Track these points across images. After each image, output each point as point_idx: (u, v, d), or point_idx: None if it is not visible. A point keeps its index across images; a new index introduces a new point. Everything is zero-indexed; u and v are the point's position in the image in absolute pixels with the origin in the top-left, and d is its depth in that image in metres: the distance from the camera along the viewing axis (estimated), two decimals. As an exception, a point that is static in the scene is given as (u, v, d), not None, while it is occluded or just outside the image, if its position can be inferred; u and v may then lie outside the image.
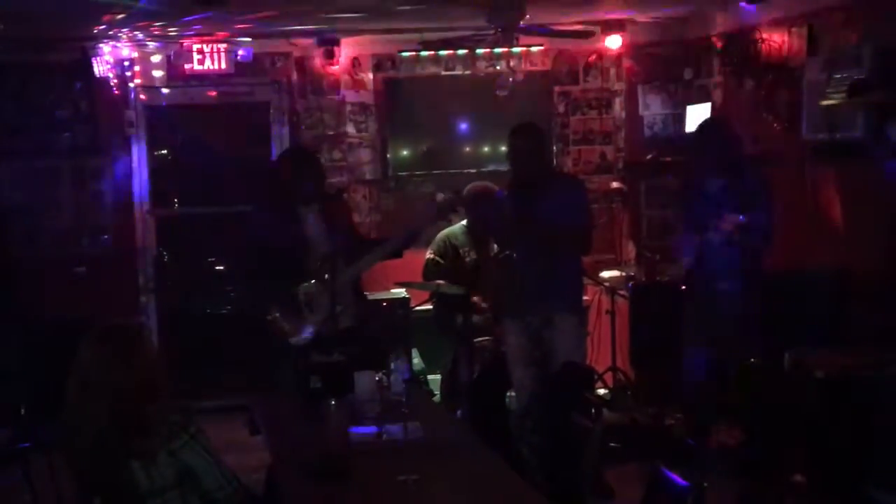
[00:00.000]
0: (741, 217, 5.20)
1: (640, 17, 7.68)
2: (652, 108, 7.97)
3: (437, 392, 6.84)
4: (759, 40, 6.69)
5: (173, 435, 2.97)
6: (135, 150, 7.70)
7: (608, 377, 7.24)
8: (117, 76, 7.49)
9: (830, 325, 5.47)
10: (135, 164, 7.71)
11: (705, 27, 7.50)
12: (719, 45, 7.23)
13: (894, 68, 5.34)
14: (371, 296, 6.48)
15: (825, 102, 5.76)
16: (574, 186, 5.66)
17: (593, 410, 4.77)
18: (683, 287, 5.91)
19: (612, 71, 8.08)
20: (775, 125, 6.56)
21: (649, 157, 7.85)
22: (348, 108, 7.88)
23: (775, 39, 6.56)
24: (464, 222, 6.70)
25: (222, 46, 7.49)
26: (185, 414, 3.04)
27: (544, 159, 5.62)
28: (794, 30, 6.37)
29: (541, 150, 5.57)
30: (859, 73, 5.55)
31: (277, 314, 5.18)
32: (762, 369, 5.51)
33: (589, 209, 5.62)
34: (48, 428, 3.10)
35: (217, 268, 8.32)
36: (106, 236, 7.65)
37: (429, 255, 6.73)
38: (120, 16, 6.24)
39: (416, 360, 7.09)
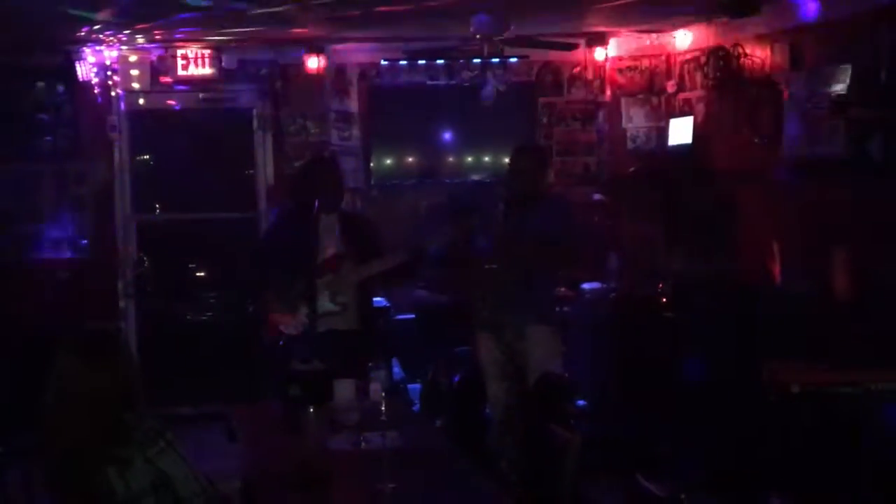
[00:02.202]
0: None
1: (624, 31, 7.72)
2: (635, 120, 8.00)
3: (416, 401, 6.83)
4: (742, 55, 6.73)
5: (150, 442, 2.96)
6: (117, 154, 7.68)
7: (588, 389, 7.24)
8: (100, 80, 7.46)
9: (808, 340, 5.49)
10: (116, 169, 7.68)
11: (688, 41, 7.54)
12: (702, 59, 7.27)
13: (875, 85, 5.38)
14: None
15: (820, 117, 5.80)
16: (563, 207, 5.69)
17: (572, 422, 4.77)
18: (664, 300, 5.95)
19: (596, 83, 8.11)
20: (756, 140, 6.59)
21: (632, 169, 7.88)
22: (332, 116, 7.87)
23: (758, 55, 6.60)
24: None
25: (207, 52, 7.48)
26: (162, 421, 3.03)
27: (537, 180, 5.64)
28: (776, 46, 6.41)
29: (542, 171, 5.62)
30: (841, 90, 5.59)
31: (275, 303, 5.21)
32: (739, 383, 5.54)
33: (575, 229, 5.63)
34: (24, 435, 3.08)
35: (198, 274, 8.30)
36: (86, 241, 7.61)
37: None
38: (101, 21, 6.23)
39: (396, 369, 7.08)
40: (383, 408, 4.09)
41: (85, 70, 7.36)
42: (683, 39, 7.63)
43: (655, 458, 6.10)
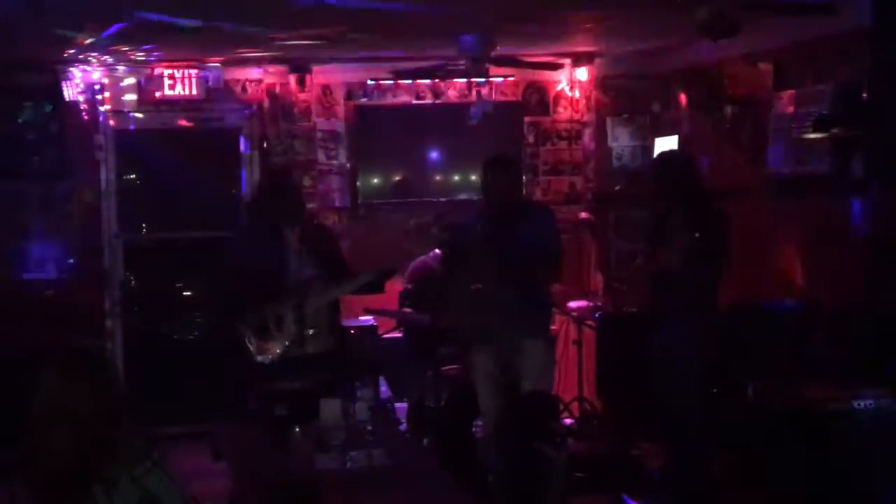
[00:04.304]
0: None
1: (609, 50, 7.77)
2: (620, 139, 8.03)
3: (403, 420, 6.83)
4: (726, 75, 6.78)
5: (136, 461, 2.95)
6: (104, 174, 7.68)
7: (574, 407, 7.26)
8: (87, 100, 7.47)
9: (793, 357, 5.52)
10: (103, 189, 7.68)
11: (673, 61, 7.59)
12: (687, 79, 7.32)
13: (858, 104, 5.42)
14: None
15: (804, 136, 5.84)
16: (543, 214, 5.69)
17: (558, 440, 4.78)
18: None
19: (582, 102, 8.16)
20: (740, 159, 6.64)
21: (618, 188, 7.91)
22: (319, 135, 7.90)
23: (741, 74, 6.65)
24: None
25: (193, 72, 7.50)
26: (148, 440, 3.03)
27: (517, 190, 5.66)
28: (759, 65, 6.46)
29: (515, 181, 5.62)
30: (824, 109, 5.64)
31: (247, 332, 5.21)
32: (724, 400, 5.55)
33: (559, 236, 5.65)
34: (8, 453, 3.07)
35: (185, 293, 8.28)
36: (72, 260, 7.60)
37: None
38: (89, 40, 6.24)
39: (383, 388, 7.07)
40: (370, 427, 4.11)
41: (72, 90, 7.37)
42: (668, 59, 7.67)
43: (642, 475, 6.12)
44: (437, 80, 7.75)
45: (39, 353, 3.15)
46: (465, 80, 7.52)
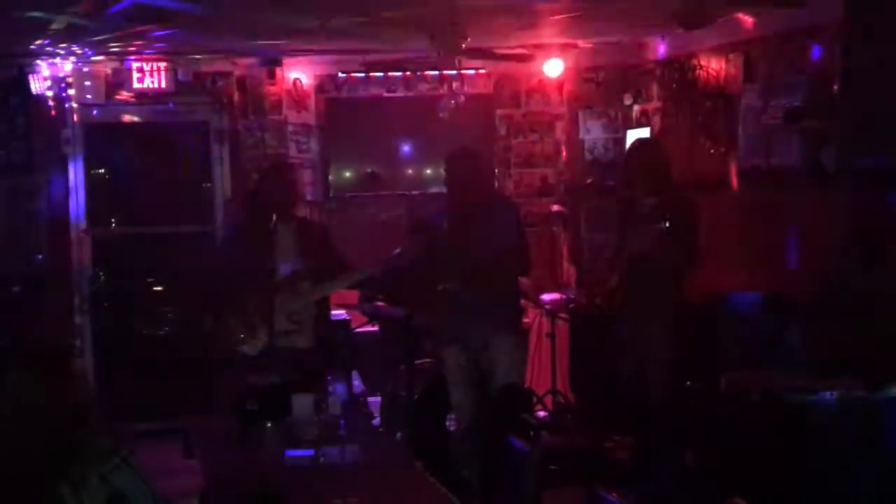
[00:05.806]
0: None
1: (581, 43, 7.77)
2: (592, 132, 8.04)
3: (377, 415, 6.80)
4: (697, 67, 6.79)
5: (104, 458, 2.91)
6: (71, 168, 7.59)
7: (548, 400, 7.26)
8: (55, 93, 7.37)
9: (766, 348, 5.54)
10: (71, 183, 7.59)
11: (644, 53, 7.61)
12: (658, 71, 7.32)
13: (828, 96, 5.45)
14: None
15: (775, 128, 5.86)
16: (505, 208, 5.66)
17: (532, 433, 4.78)
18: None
19: (554, 95, 8.15)
20: (712, 151, 6.65)
21: (590, 180, 7.91)
22: (290, 128, 7.85)
23: (712, 66, 6.67)
24: None
25: (162, 65, 7.43)
26: (117, 437, 2.99)
27: (481, 184, 5.59)
28: (730, 57, 6.48)
29: (477, 175, 5.55)
30: (794, 101, 5.66)
31: (232, 323, 5.16)
32: (698, 391, 5.57)
33: (521, 229, 5.61)
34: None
35: (155, 288, 8.22)
36: (40, 256, 7.51)
37: None
38: (55, 29, 6.14)
39: (356, 382, 7.03)
40: (342, 421, 4.08)
41: (39, 83, 7.27)
42: (639, 52, 7.69)
43: (615, 468, 6.13)
44: (408, 73, 7.72)
45: (6, 351, 3.11)
46: (436, 72, 7.49)
